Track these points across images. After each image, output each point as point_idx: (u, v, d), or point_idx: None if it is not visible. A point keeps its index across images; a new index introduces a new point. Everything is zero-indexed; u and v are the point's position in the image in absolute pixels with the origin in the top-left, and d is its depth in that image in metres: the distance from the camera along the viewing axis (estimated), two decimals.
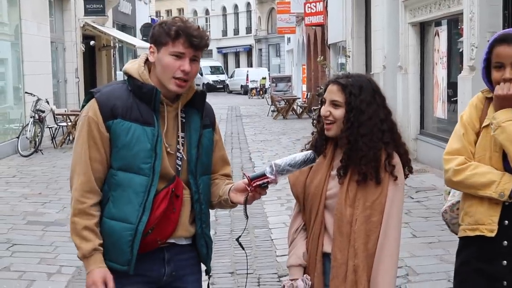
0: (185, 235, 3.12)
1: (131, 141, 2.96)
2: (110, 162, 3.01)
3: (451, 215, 3.35)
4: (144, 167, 2.96)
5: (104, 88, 3.11)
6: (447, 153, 3.20)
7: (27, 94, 16.02)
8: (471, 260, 3.19)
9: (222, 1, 69.70)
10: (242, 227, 8.15)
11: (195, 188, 3.11)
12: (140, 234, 2.96)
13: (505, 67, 3.06)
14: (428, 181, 10.54)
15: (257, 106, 33.73)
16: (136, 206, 2.96)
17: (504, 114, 3.02)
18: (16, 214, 8.90)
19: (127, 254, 2.97)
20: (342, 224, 3.08)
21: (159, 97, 2.99)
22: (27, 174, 12.22)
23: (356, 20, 18.71)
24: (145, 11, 39.23)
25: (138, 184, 2.97)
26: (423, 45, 13.28)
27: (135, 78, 3.04)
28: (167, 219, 3.02)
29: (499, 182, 3.04)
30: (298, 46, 35.90)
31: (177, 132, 3.08)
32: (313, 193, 3.17)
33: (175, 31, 2.96)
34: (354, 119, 3.07)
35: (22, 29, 16.23)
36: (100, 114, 2.97)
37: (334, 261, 3.09)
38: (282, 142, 17.31)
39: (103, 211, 3.01)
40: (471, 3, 9.80)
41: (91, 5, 22.38)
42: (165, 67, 2.98)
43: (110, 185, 3.01)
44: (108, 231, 2.99)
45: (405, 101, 13.46)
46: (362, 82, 3.14)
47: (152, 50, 3.04)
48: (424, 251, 6.84)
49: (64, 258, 6.89)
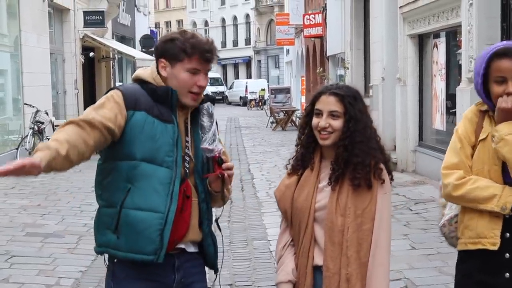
0: (195, 238, 3.18)
1: (155, 134, 3.03)
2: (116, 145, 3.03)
3: (450, 229, 3.34)
4: (168, 159, 3.04)
5: (125, 85, 3.22)
6: (445, 168, 3.19)
7: (27, 105, 16.03)
8: (473, 273, 3.18)
9: (221, 13, 69.89)
10: (241, 239, 8.16)
11: (201, 188, 3.19)
12: (170, 223, 3.00)
13: (507, 81, 3.06)
14: (427, 193, 10.54)
15: (256, 118, 33.76)
16: (163, 196, 3.01)
17: (507, 127, 3.03)
18: (15, 225, 8.88)
19: (156, 243, 2.99)
20: (334, 234, 3.08)
21: (175, 96, 3.08)
22: (26, 186, 12.20)
23: (355, 32, 18.76)
24: (145, 22, 39.27)
25: (163, 176, 3.03)
26: (422, 57, 13.31)
27: (149, 82, 3.12)
28: (181, 218, 3.07)
29: (501, 195, 3.04)
30: (297, 57, 35.96)
31: (185, 136, 3.16)
32: (302, 206, 3.18)
33: (190, 48, 3.06)
34: (353, 128, 3.12)
35: (22, 41, 16.27)
36: (123, 100, 3.04)
37: (327, 271, 3.09)
38: (281, 153, 17.31)
39: (123, 203, 3.02)
40: (470, 16, 9.83)
41: (90, 17, 22.43)
42: (181, 83, 3.09)
43: (132, 177, 3.03)
44: (133, 222, 3.00)
45: (404, 112, 13.48)
46: (354, 92, 3.20)
47: (163, 64, 3.12)
48: (423, 263, 6.83)
49: (62, 270, 6.88)
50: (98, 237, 3.15)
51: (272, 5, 55.91)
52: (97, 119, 2.93)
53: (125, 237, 3.02)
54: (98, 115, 2.94)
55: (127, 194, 3.03)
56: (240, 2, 67.14)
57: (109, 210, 3.08)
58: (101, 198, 3.16)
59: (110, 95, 3.07)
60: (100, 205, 3.17)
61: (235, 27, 69.26)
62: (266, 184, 12.48)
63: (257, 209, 10.05)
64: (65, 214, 9.50)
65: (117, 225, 3.03)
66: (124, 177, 3.04)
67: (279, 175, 13.19)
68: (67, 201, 10.34)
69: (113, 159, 3.08)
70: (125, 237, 3.02)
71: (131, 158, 3.03)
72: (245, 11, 66.36)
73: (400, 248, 7.12)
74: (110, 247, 3.09)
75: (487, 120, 3.17)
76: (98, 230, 3.16)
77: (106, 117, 2.95)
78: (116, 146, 3.04)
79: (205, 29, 72.21)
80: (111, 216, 3.06)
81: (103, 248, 3.13)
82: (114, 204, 3.05)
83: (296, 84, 35.45)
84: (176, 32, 3.18)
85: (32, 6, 16.93)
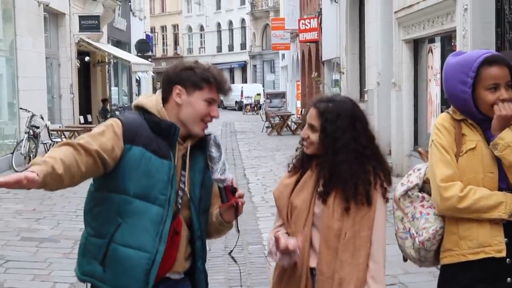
0: (180, 270, 3.16)
1: (151, 170, 2.99)
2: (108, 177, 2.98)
3: (432, 242, 3.25)
4: (161, 197, 3.00)
5: (127, 114, 3.16)
6: (442, 181, 3.10)
7: (22, 110, 16.02)
8: (475, 284, 3.13)
9: (216, 17, 69.93)
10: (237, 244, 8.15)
11: (198, 225, 3.16)
12: (157, 264, 2.98)
13: (500, 88, 3.07)
14: None
15: (252, 122, 33.78)
16: (152, 236, 2.98)
17: (510, 134, 3.03)
18: (10, 230, 8.87)
19: (141, 282, 2.97)
20: (330, 238, 3.08)
21: (177, 134, 3.05)
22: (21, 190, 12.10)
23: (350, 37, 18.81)
24: (140, 27, 39.30)
25: (155, 214, 2.98)
26: (417, 62, 13.35)
27: (152, 114, 3.08)
28: (168, 255, 3.04)
29: (507, 202, 3.04)
30: (293, 62, 36.02)
31: (181, 170, 3.12)
32: (300, 208, 3.17)
33: (212, 78, 3.08)
34: (328, 145, 3.10)
35: (17, 45, 16.26)
36: (122, 132, 2.99)
37: (320, 275, 3.09)
38: (276, 158, 17.31)
39: (112, 237, 2.98)
40: (464, 21, 9.87)
41: (86, 21, 22.45)
42: (197, 111, 3.07)
43: (123, 212, 2.98)
44: (121, 258, 2.97)
45: (399, 117, 13.51)
46: (340, 109, 3.13)
47: (178, 92, 3.07)
48: (418, 268, 6.78)
49: (58, 275, 6.88)
50: (83, 264, 3.10)
51: (267, 10, 56.01)
52: (93, 147, 2.87)
53: (111, 272, 2.98)
54: (95, 143, 2.89)
55: (117, 229, 2.98)
56: (236, 6, 67.21)
57: (97, 240, 3.03)
58: (90, 226, 3.10)
59: (110, 124, 3.01)
60: (88, 233, 3.11)
61: (230, 32, 69.29)
62: (262, 188, 12.48)
63: (253, 214, 10.05)
64: (60, 219, 9.49)
65: (104, 258, 3.00)
66: (115, 210, 2.99)
67: (275, 180, 13.22)
68: (63, 206, 10.33)
69: (106, 189, 3.02)
70: (111, 271, 2.98)
71: (124, 192, 2.98)
72: (241, 15, 66.41)
73: (395, 253, 7.11)
74: (95, 278, 3.05)
75: (467, 128, 3.16)
76: (83, 257, 3.10)
77: (102, 147, 2.90)
78: (110, 177, 2.98)
79: (200, 34, 72.28)
80: (99, 247, 3.01)
81: (88, 278, 3.08)
82: (103, 235, 3.00)
83: (292, 89, 35.52)
84: (192, 62, 3.17)
85: (27, 10, 16.93)
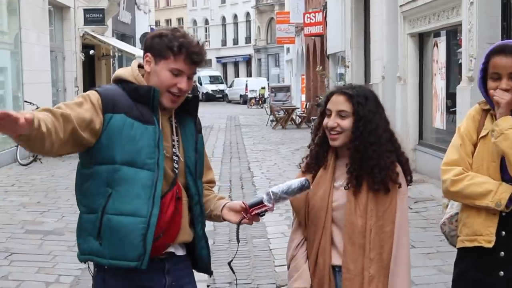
0: (186, 239, 3.13)
1: (135, 136, 2.93)
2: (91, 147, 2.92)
3: (450, 227, 3.36)
4: (149, 162, 2.94)
5: (104, 86, 3.11)
6: (444, 164, 3.21)
7: (27, 102, 16.01)
8: (469, 271, 3.20)
9: (221, 11, 69.86)
10: (242, 237, 8.13)
11: (195, 190, 3.13)
12: (153, 227, 2.92)
13: (501, 78, 3.07)
14: (426, 192, 10.54)
15: (256, 116, 33.74)
16: (145, 200, 2.92)
17: (507, 121, 3.03)
18: (15, 223, 8.89)
19: (139, 248, 2.91)
20: (354, 235, 3.07)
21: (157, 96, 2.98)
22: (26, 183, 12.21)
23: (355, 31, 18.75)
24: (145, 20, 39.24)
25: (145, 178, 2.93)
26: (422, 55, 13.31)
27: (129, 81, 3.03)
28: (173, 222, 3.02)
29: (496, 191, 3.05)
30: (297, 56, 35.96)
31: (171, 136, 3.08)
32: (318, 205, 3.14)
33: (177, 47, 2.94)
34: (363, 128, 3.08)
35: (22, 38, 16.26)
36: (101, 103, 2.93)
37: (347, 273, 3.08)
38: (281, 152, 17.31)
39: (104, 208, 2.94)
40: (470, 15, 9.83)
41: (90, 15, 22.42)
42: (161, 81, 2.98)
43: (113, 181, 2.93)
44: (116, 227, 2.92)
45: (404, 111, 13.48)
46: (366, 92, 3.16)
47: (148, 59, 3.02)
48: (423, 262, 6.84)
49: (62, 267, 6.88)
50: (81, 244, 3.05)
51: (272, 4, 55.91)
52: (72, 115, 2.79)
53: (108, 244, 2.94)
54: (74, 112, 2.81)
55: (108, 199, 2.93)
56: (241, 0, 67.11)
57: (91, 216, 2.99)
58: (82, 204, 3.06)
59: (87, 95, 2.95)
60: (81, 211, 3.07)
61: (235, 26, 69.22)
62: (266, 182, 12.47)
63: None
64: (64, 212, 9.50)
65: (99, 231, 2.95)
66: (104, 182, 2.94)
67: (279, 173, 13.23)
68: (67, 199, 10.33)
69: (92, 163, 2.97)
70: (108, 243, 2.94)
71: (110, 162, 2.93)
72: (246, 9, 66.33)
73: None
74: (93, 254, 3.00)
75: (489, 118, 3.18)
76: (80, 237, 3.06)
77: (80, 117, 2.83)
78: (95, 149, 2.93)
79: (205, 27, 72.21)
80: (93, 222, 2.97)
81: (87, 256, 3.03)
82: (95, 209, 2.96)
83: (296, 83, 35.46)
84: (168, 28, 3.07)
85: (32, 3, 16.92)
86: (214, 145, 18.75)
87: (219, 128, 25.99)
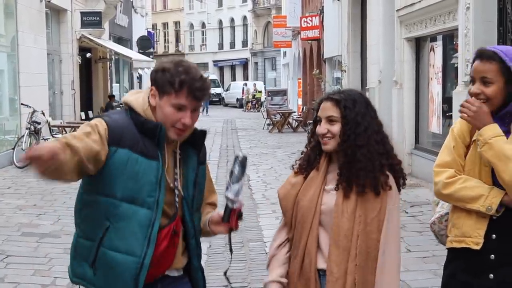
0: (179, 266, 3.14)
1: (138, 173, 2.91)
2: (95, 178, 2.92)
3: (440, 227, 3.39)
4: (149, 200, 2.93)
5: (112, 114, 3.07)
6: (437, 166, 3.23)
7: (23, 105, 16.02)
8: (458, 272, 3.22)
9: (218, 15, 69.87)
10: (238, 240, 8.16)
11: (191, 224, 3.12)
12: (146, 268, 2.92)
13: (474, 82, 3.12)
14: (422, 196, 10.56)
15: (253, 120, 33.76)
16: (140, 240, 2.92)
17: (491, 130, 3.04)
18: (11, 225, 8.88)
19: (131, 287, 2.92)
20: (339, 238, 3.05)
21: (163, 134, 2.95)
22: (22, 186, 12.20)
23: (352, 35, 18.78)
24: (142, 23, 39.27)
25: (143, 217, 2.92)
26: (419, 60, 13.34)
27: (138, 113, 3.00)
28: (167, 254, 3.03)
29: (487, 196, 3.07)
30: (294, 60, 35.99)
31: (174, 168, 3.07)
32: (307, 207, 3.13)
33: (179, 83, 2.91)
34: (350, 131, 3.07)
35: (19, 41, 16.26)
36: (108, 135, 2.90)
37: (330, 276, 3.06)
38: (277, 155, 17.32)
39: (101, 241, 2.94)
40: (466, 19, 9.86)
41: (87, 18, 22.45)
42: (166, 117, 2.95)
43: (111, 216, 2.93)
44: (110, 263, 2.93)
45: (400, 116, 13.51)
46: (354, 96, 3.15)
47: (153, 93, 2.98)
48: (419, 266, 6.85)
49: (58, 270, 6.87)
50: (75, 266, 3.07)
51: (269, 7, 55.97)
52: (80, 148, 2.78)
53: (101, 275, 2.95)
54: (82, 144, 2.80)
55: (105, 232, 2.94)
56: (238, 4, 67.13)
57: (87, 242, 3.00)
58: (79, 228, 3.07)
59: (95, 124, 2.92)
60: (77, 234, 3.08)
61: (232, 29, 69.23)
62: (262, 186, 12.49)
63: (253, 211, 10.05)
64: (61, 214, 9.50)
65: (94, 261, 2.96)
66: (103, 214, 2.94)
67: (275, 177, 13.23)
68: (63, 201, 10.33)
69: (93, 191, 2.97)
70: (101, 275, 2.95)
71: (111, 196, 2.92)
72: (243, 13, 66.35)
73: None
74: (86, 281, 3.02)
75: None
76: (75, 259, 3.08)
77: (88, 148, 2.82)
78: (97, 180, 2.92)
79: (202, 31, 72.22)
80: (88, 249, 2.98)
81: (80, 280, 3.06)
82: (92, 238, 2.97)
83: (293, 87, 35.51)
84: (172, 61, 3.01)
85: (29, 6, 16.93)
86: (211, 148, 18.73)
87: (216, 131, 25.98)
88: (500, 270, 3.11)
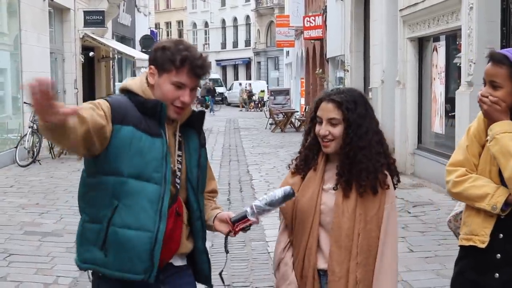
0: (184, 251, 3.13)
1: (143, 149, 2.92)
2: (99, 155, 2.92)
3: (455, 225, 3.44)
4: (156, 176, 2.93)
5: (113, 96, 3.08)
6: (450, 165, 3.26)
7: (26, 104, 16.00)
8: (466, 270, 3.24)
9: (221, 14, 69.89)
10: (239, 240, 8.16)
11: (196, 206, 3.12)
12: (160, 242, 2.91)
13: (485, 84, 3.13)
14: (425, 196, 10.55)
15: (255, 119, 33.76)
16: (151, 214, 2.91)
17: (500, 126, 3.07)
18: (13, 224, 8.89)
19: (146, 263, 2.91)
20: (340, 238, 3.06)
21: (164, 110, 2.96)
22: (24, 184, 12.21)
23: (355, 35, 18.78)
24: (145, 23, 39.27)
25: (151, 192, 2.92)
26: (422, 60, 13.33)
27: (137, 94, 3.00)
28: (172, 238, 3.02)
29: (493, 195, 3.08)
30: (297, 59, 35.98)
31: (175, 150, 3.07)
32: (306, 207, 3.14)
33: (180, 60, 2.92)
34: (353, 134, 3.07)
35: (22, 40, 16.27)
36: (111, 112, 2.91)
37: (332, 275, 3.07)
38: (280, 155, 17.30)
39: (110, 221, 2.92)
40: (470, 19, 9.85)
41: (90, 17, 22.43)
42: (164, 95, 2.96)
43: (119, 194, 2.92)
44: (122, 240, 2.91)
45: (403, 115, 13.50)
46: (354, 96, 3.14)
47: (152, 72, 3.00)
48: (421, 266, 6.84)
49: (61, 269, 6.88)
50: (82, 252, 3.03)
51: (272, 7, 55.95)
52: (87, 118, 2.78)
53: (113, 256, 2.92)
54: (88, 114, 2.79)
55: (114, 211, 2.92)
56: (241, 3, 67.15)
57: (94, 225, 2.97)
58: (85, 212, 3.05)
59: (98, 103, 2.92)
60: (83, 219, 3.05)
61: (235, 29, 69.26)
62: (265, 185, 12.48)
63: None
64: (63, 213, 9.50)
65: (104, 242, 2.94)
66: (110, 193, 2.93)
67: (278, 177, 13.22)
68: (66, 200, 10.33)
69: (99, 173, 2.96)
70: (113, 255, 2.92)
71: (117, 174, 2.91)
72: (245, 12, 66.38)
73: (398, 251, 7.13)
74: (97, 265, 2.99)
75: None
76: (81, 245, 3.04)
77: (94, 120, 2.81)
78: (102, 159, 2.92)
79: (205, 30, 72.24)
80: (97, 232, 2.95)
81: (89, 265, 3.02)
82: (100, 220, 2.95)
83: (296, 86, 35.48)
84: (171, 40, 3.04)
85: (32, 5, 16.94)
86: (213, 147, 18.73)
87: (218, 131, 25.99)
88: (506, 270, 3.12)
